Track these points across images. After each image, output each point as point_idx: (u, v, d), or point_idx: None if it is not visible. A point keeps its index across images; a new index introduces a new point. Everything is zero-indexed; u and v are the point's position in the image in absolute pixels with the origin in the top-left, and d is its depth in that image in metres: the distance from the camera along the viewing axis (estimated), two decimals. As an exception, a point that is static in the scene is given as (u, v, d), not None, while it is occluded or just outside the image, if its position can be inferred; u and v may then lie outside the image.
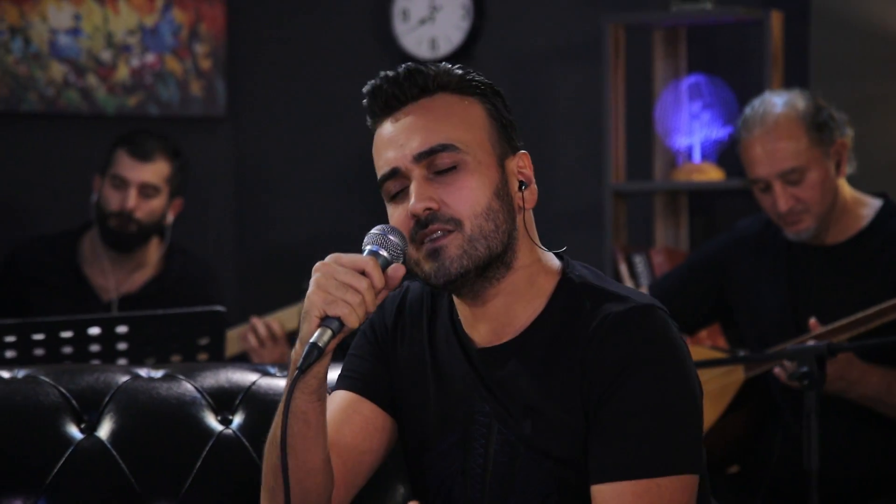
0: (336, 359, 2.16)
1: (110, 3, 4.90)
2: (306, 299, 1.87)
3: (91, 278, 4.14)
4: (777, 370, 3.14)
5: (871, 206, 3.35)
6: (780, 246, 3.39)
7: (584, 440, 1.92)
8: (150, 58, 4.94)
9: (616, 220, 4.43)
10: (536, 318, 1.97)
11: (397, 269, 1.90)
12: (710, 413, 3.30)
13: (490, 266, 1.94)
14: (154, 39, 4.94)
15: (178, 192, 4.18)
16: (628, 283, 4.32)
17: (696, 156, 4.43)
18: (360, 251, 1.92)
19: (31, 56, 4.87)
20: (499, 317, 1.98)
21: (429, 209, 1.92)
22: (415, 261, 1.95)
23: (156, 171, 4.10)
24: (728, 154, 4.39)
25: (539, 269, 1.99)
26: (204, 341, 3.26)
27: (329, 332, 1.86)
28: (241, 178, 5.05)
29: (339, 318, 1.86)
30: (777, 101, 3.32)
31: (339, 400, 2.05)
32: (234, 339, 3.93)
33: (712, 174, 4.38)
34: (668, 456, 1.88)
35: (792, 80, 4.17)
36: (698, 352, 3.40)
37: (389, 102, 1.96)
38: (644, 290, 3.67)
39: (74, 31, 4.90)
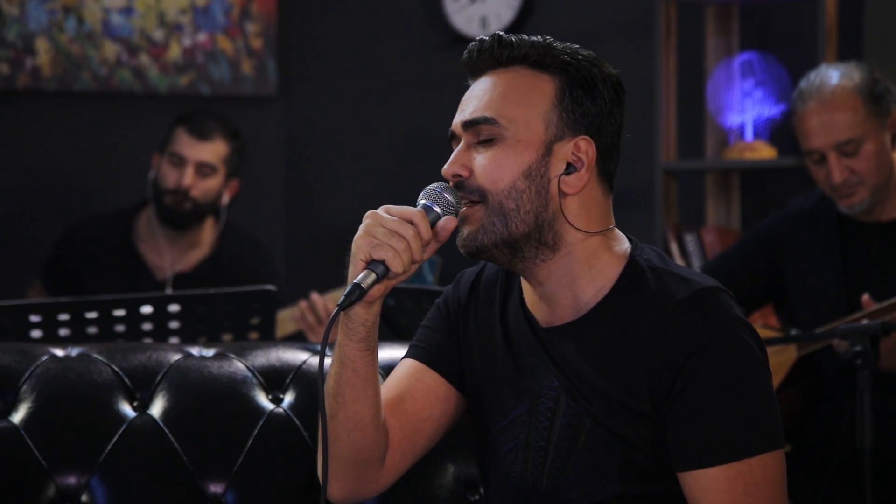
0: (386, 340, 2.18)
1: (162, -17, 4.92)
2: (353, 244, 1.93)
3: (146, 256, 4.17)
4: (837, 341, 3.11)
5: (926, 182, 3.33)
6: (833, 222, 3.37)
7: (647, 424, 1.94)
8: (202, 37, 4.95)
9: (667, 198, 4.41)
10: (602, 299, 1.99)
11: (448, 222, 1.95)
12: (762, 392, 3.28)
13: (518, 245, 1.97)
14: (205, 18, 4.95)
15: (235, 174, 4.20)
16: (679, 262, 4.30)
17: (749, 134, 4.40)
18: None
19: (85, 35, 4.89)
20: (557, 297, 2.00)
21: (458, 176, 1.98)
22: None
23: (214, 150, 4.13)
24: (780, 132, 4.35)
25: (600, 250, 2.00)
26: (255, 320, 3.27)
27: (373, 276, 1.91)
28: (291, 157, 5.06)
29: (383, 262, 1.91)
30: (833, 73, 3.31)
31: (405, 367, 2.09)
32: (286, 319, 3.94)
33: (764, 152, 4.36)
34: (754, 435, 1.91)
35: (845, 57, 4.12)
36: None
37: (473, 67, 2.03)
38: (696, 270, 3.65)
39: (127, 11, 4.92)
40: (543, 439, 2.00)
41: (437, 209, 1.96)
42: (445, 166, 1.99)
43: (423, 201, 1.97)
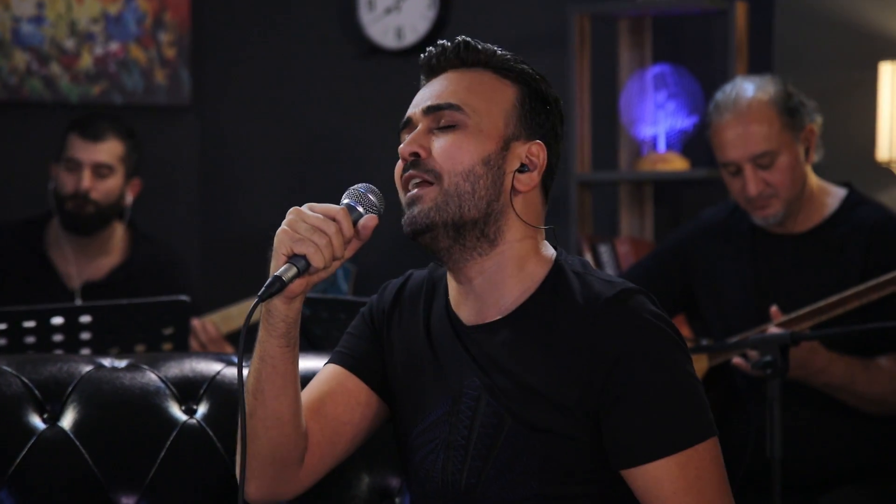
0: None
1: (74, -9, 4.88)
2: (276, 237, 1.96)
3: (57, 265, 4.12)
4: (737, 360, 3.16)
5: (835, 195, 3.38)
6: (745, 233, 3.41)
7: (572, 417, 1.98)
8: (114, 46, 4.91)
9: (581, 209, 4.44)
10: (526, 300, 2.03)
11: (369, 220, 1.98)
12: (674, 402, 3.31)
13: (463, 231, 2.00)
14: (118, 28, 4.91)
15: (135, 172, 4.16)
16: (593, 272, 4.33)
17: (661, 145, 4.44)
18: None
19: (-6, 44, 4.83)
20: (484, 295, 2.04)
21: (415, 154, 2.01)
22: (402, 206, 2.03)
23: (108, 150, 4.09)
24: (693, 144, 4.40)
25: (531, 253, 2.05)
26: (168, 331, 3.25)
27: (294, 269, 1.93)
28: (205, 166, 5.03)
29: (305, 257, 1.93)
30: (749, 86, 3.35)
31: (327, 372, 2.12)
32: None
33: (677, 164, 4.40)
34: (696, 422, 1.97)
35: (756, 70, 4.18)
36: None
37: (433, 67, 2.08)
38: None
39: (38, 20, 4.87)
40: (463, 438, 2.03)
41: (360, 209, 1.99)
42: (403, 146, 2.02)
43: (346, 200, 2.00)
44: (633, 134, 4.48)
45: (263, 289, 1.93)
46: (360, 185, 2.01)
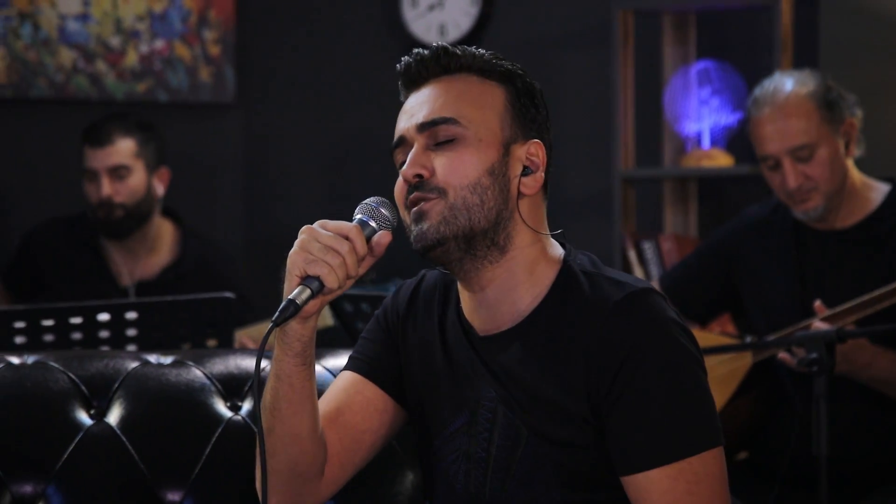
0: (343, 345, 2.18)
1: (119, -11, 4.90)
2: (288, 259, 1.93)
3: (109, 262, 4.15)
4: (783, 356, 3.14)
5: (879, 190, 3.36)
6: (788, 230, 3.39)
7: (588, 428, 1.95)
8: (159, 44, 4.94)
9: (625, 206, 4.43)
10: (537, 305, 2.00)
11: (382, 237, 1.95)
12: (718, 398, 3.30)
13: (475, 242, 1.98)
14: (163, 25, 4.94)
15: (158, 163, 4.15)
16: (637, 269, 4.32)
17: (706, 142, 4.42)
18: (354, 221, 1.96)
19: (41, 42, 4.87)
20: (497, 304, 2.01)
21: (418, 176, 1.97)
22: (406, 225, 2.00)
23: (118, 151, 4.08)
24: (737, 140, 4.38)
25: (540, 257, 2.02)
26: (213, 328, 3.26)
27: (308, 291, 1.90)
28: (249, 164, 5.05)
29: (318, 278, 1.90)
30: (787, 80, 3.34)
31: (344, 379, 2.09)
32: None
33: (721, 160, 4.38)
34: (692, 434, 1.92)
35: (801, 65, 4.15)
36: (707, 338, 3.40)
37: (414, 77, 2.03)
38: (655, 280, 3.67)
39: (83, 17, 4.90)
40: (484, 450, 2.01)
41: (373, 223, 1.96)
42: (404, 168, 1.98)
43: (358, 216, 1.97)
44: (678, 130, 4.47)
45: (278, 314, 1.90)
46: (371, 199, 1.98)
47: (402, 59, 2.04)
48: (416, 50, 2.04)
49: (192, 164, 4.95)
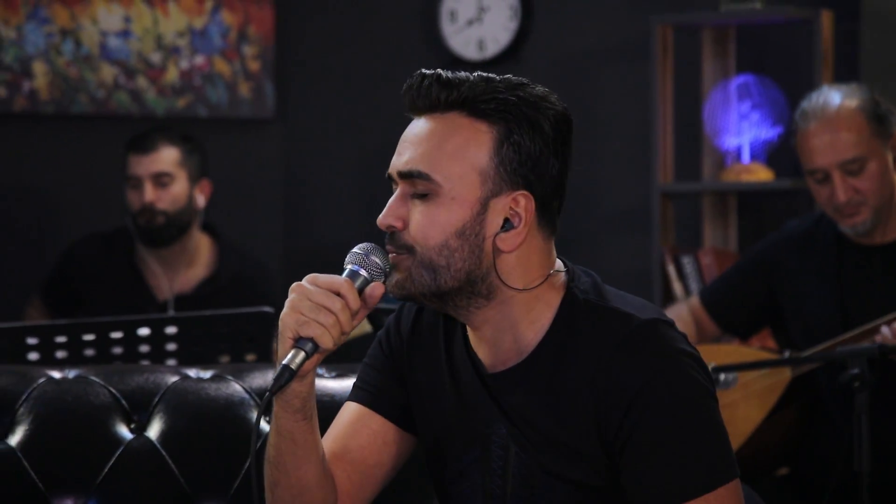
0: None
1: (160, 5, 4.93)
2: (280, 321, 1.87)
3: (147, 277, 4.17)
4: (886, 332, 3.08)
5: (921, 204, 3.34)
6: (830, 244, 3.37)
7: (600, 465, 1.91)
8: (200, 59, 4.96)
9: (664, 220, 4.42)
10: (541, 340, 1.94)
11: (375, 289, 1.90)
12: (757, 412, 3.28)
13: (447, 298, 1.91)
14: (203, 41, 4.96)
15: (201, 174, 4.18)
16: (676, 285, 4.30)
17: (745, 156, 4.41)
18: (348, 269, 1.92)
19: (82, 58, 4.90)
20: (498, 341, 1.95)
21: (392, 227, 1.92)
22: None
23: (162, 158, 4.12)
24: (777, 154, 4.36)
25: (538, 296, 1.94)
26: (252, 342, 3.27)
27: (302, 354, 1.85)
28: (289, 179, 5.07)
29: (312, 340, 1.85)
30: (836, 93, 3.32)
31: (348, 413, 2.04)
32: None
33: (761, 175, 4.36)
34: (707, 470, 1.88)
35: (842, 80, 4.13)
36: (746, 353, 3.39)
37: (413, 103, 1.99)
38: (694, 296, 3.65)
39: (124, 34, 4.93)
40: (499, 488, 1.97)
41: (364, 273, 1.90)
42: (380, 217, 1.93)
43: (349, 266, 1.91)
44: (717, 144, 4.45)
45: (273, 381, 1.85)
46: (360, 245, 1.92)
47: (409, 78, 1.99)
48: (419, 71, 1.98)
49: (231, 179, 4.96)
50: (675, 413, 1.87)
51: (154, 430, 2.34)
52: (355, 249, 1.92)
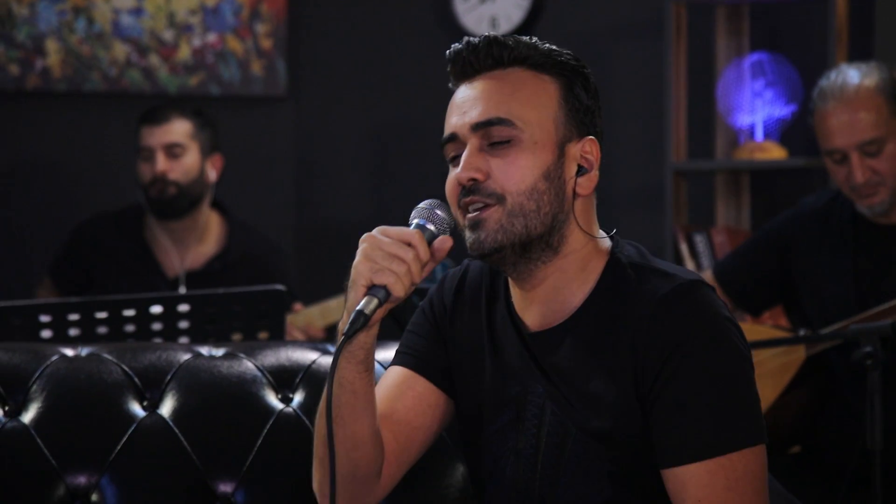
0: (392, 337, 2.18)
1: (172, -17, 4.93)
2: (353, 269, 1.91)
3: (157, 255, 4.18)
4: None
5: (936, 183, 3.33)
6: (846, 223, 3.36)
7: (636, 421, 1.94)
8: (212, 37, 4.96)
9: (677, 198, 4.41)
10: (585, 300, 1.98)
11: (444, 242, 1.93)
12: (771, 391, 3.28)
13: (530, 246, 1.96)
14: (215, 19, 4.96)
15: (212, 149, 4.19)
16: (689, 262, 4.30)
17: (759, 134, 4.39)
18: (408, 225, 1.95)
19: (94, 36, 4.90)
20: (549, 301, 1.99)
21: (473, 179, 1.95)
22: (461, 227, 1.98)
23: (175, 129, 4.14)
24: (791, 133, 4.35)
25: (591, 253, 2.00)
26: (264, 320, 3.28)
27: (375, 301, 1.89)
28: (301, 157, 5.06)
29: (385, 287, 1.89)
30: (854, 73, 3.30)
31: (393, 375, 2.08)
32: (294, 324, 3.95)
33: (774, 153, 4.35)
34: (734, 430, 1.90)
35: (856, 57, 4.12)
36: (759, 331, 3.38)
37: (465, 69, 1.99)
38: (708, 270, 3.65)
39: (137, 11, 4.93)
40: (532, 447, 1.99)
41: (432, 227, 1.94)
42: (458, 171, 1.95)
43: (416, 220, 1.94)
44: (730, 122, 4.44)
45: (348, 326, 1.88)
46: (425, 202, 1.95)
47: (452, 46, 2.00)
48: (466, 38, 2.01)
49: (243, 156, 4.96)
50: (710, 370, 1.90)
51: (167, 408, 2.35)
52: (421, 205, 1.96)
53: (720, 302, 1.96)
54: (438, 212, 1.95)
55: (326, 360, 2.41)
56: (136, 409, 2.35)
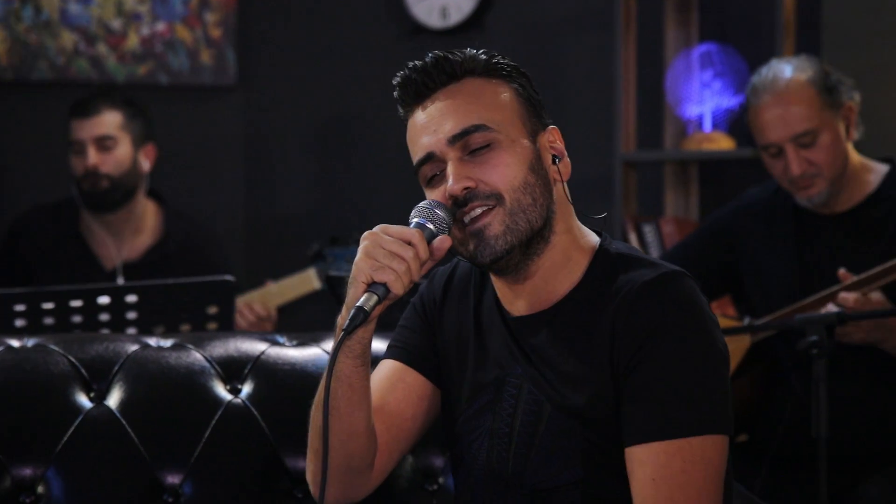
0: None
1: (120, -28, 4.89)
2: (354, 266, 1.95)
3: (93, 247, 4.13)
4: (846, 296, 3.12)
5: (877, 171, 3.36)
6: (789, 213, 3.40)
7: (610, 401, 1.97)
8: (161, 26, 4.93)
9: (626, 189, 4.43)
10: (572, 289, 2.03)
11: (443, 241, 1.98)
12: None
13: (532, 242, 2.01)
14: (164, 8, 4.93)
15: (145, 139, 4.13)
16: (638, 252, 4.32)
17: (707, 125, 4.42)
18: (406, 223, 1.99)
19: (42, 24, 4.86)
20: (537, 292, 2.04)
21: (467, 188, 1.99)
22: (459, 241, 2.01)
23: (104, 121, 4.08)
24: (739, 123, 4.37)
25: (574, 241, 2.05)
26: (213, 310, 3.26)
27: (375, 298, 1.94)
28: (250, 146, 5.05)
29: (385, 285, 1.94)
30: (786, 67, 3.34)
31: (385, 369, 2.13)
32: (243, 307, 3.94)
33: (723, 143, 4.37)
34: (698, 416, 1.93)
35: (803, 48, 4.15)
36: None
37: (419, 91, 2.03)
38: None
39: (85, 0, 4.89)
40: (507, 426, 2.03)
41: (431, 226, 1.98)
42: (449, 184, 1.98)
43: (416, 219, 1.98)
44: (679, 113, 4.46)
45: (348, 322, 1.93)
46: (425, 201, 2.00)
47: (398, 75, 2.03)
48: (411, 63, 2.04)
49: (192, 146, 4.94)
50: (682, 356, 1.94)
51: (114, 399, 2.34)
52: (421, 205, 2.00)
53: (703, 297, 2.00)
54: (438, 211, 1.98)
55: (275, 352, 2.41)
56: (83, 400, 2.34)
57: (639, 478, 1.93)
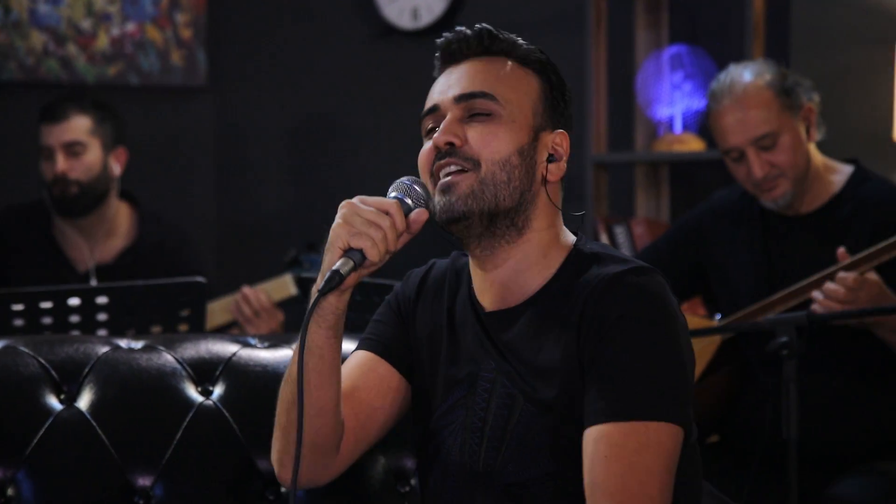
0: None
1: (90, -28, 4.88)
2: (331, 232, 1.99)
3: (65, 249, 4.11)
4: (818, 295, 3.15)
5: (842, 172, 3.39)
6: (755, 215, 3.42)
7: (580, 394, 1.99)
8: (131, 27, 4.92)
9: (597, 190, 4.44)
10: (545, 284, 2.05)
11: (420, 214, 2.02)
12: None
13: (497, 220, 2.03)
14: (134, 8, 4.92)
15: (115, 143, 4.10)
16: (609, 253, 4.33)
17: (678, 126, 4.43)
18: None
19: (11, 24, 4.84)
20: (508, 283, 2.07)
21: (450, 143, 2.03)
22: (430, 194, 2.05)
23: (73, 127, 4.05)
24: (709, 125, 4.39)
25: (554, 241, 2.08)
26: (184, 312, 3.26)
27: (351, 263, 1.97)
28: (221, 147, 5.04)
29: (361, 251, 1.97)
30: (743, 71, 3.38)
31: (357, 358, 2.15)
32: (217, 310, 3.91)
33: (693, 145, 4.39)
34: (655, 402, 1.95)
35: (773, 50, 4.17)
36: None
37: (454, 53, 2.10)
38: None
39: (54, 0, 4.87)
40: (480, 420, 2.05)
41: (409, 201, 2.02)
42: (437, 134, 2.04)
43: (394, 193, 2.03)
44: (650, 115, 4.47)
45: (323, 283, 1.95)
46: (405, 177, 2.04)
47: (444, 35, 2.10)
48: (458, 28, 2.11)
49: (163, 147, 4.93)
50: (644, 344, 1.96)
51: (84, 401, 2.33)
52: (400, 180, 2.04)
53: (672, 296, 2.02)
54: (416, 187, 2.03)
55: (247, 353, 2.41)
56: (54, 402, 2.33)
57: (591, 456, 1.94)
